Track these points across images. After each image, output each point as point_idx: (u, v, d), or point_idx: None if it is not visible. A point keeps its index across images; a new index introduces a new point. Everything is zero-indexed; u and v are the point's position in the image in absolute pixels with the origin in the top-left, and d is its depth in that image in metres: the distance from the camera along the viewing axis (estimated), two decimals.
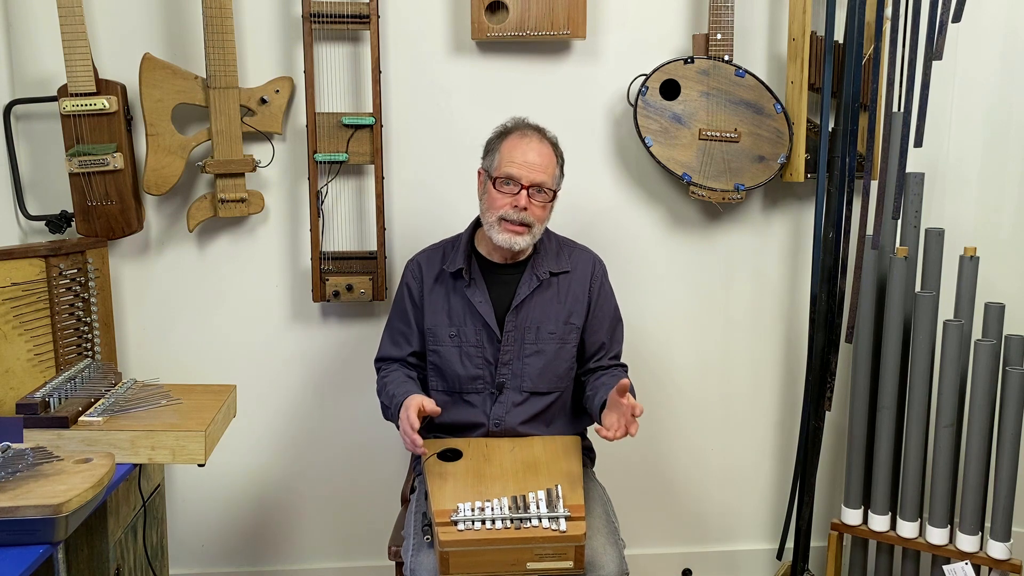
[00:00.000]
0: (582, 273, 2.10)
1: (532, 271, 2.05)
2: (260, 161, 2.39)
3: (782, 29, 2.48)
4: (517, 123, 2.03)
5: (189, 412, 1.92)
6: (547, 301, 2.05)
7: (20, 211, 2.37)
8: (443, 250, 2.11)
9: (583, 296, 2.08)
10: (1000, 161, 2.58)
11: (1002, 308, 2.19)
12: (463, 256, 2.05)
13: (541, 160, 1.96)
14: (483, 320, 2.03)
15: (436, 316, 2.06)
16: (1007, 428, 2.13)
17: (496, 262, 2.06)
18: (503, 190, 1.96)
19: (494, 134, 2.04)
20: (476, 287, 2.04)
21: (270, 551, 2.66)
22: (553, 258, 2.08)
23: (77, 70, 2.22)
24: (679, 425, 2.69)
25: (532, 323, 2.04)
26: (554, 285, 2.07)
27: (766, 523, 2.77)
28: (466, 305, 2.04)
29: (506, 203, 1.95)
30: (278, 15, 2.40)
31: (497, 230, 1.96)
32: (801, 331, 2.61)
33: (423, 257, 2.13)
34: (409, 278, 2.11)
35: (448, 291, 2.06)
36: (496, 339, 2.03)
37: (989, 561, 2.20)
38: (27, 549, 1.46)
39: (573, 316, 2.07)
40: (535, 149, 1.96)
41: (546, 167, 1.96)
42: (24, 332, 2.16)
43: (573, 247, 2.15)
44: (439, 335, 2.06)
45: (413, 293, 2.10)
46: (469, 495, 1.80)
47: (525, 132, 2.00)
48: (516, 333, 2.04)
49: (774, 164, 2.43)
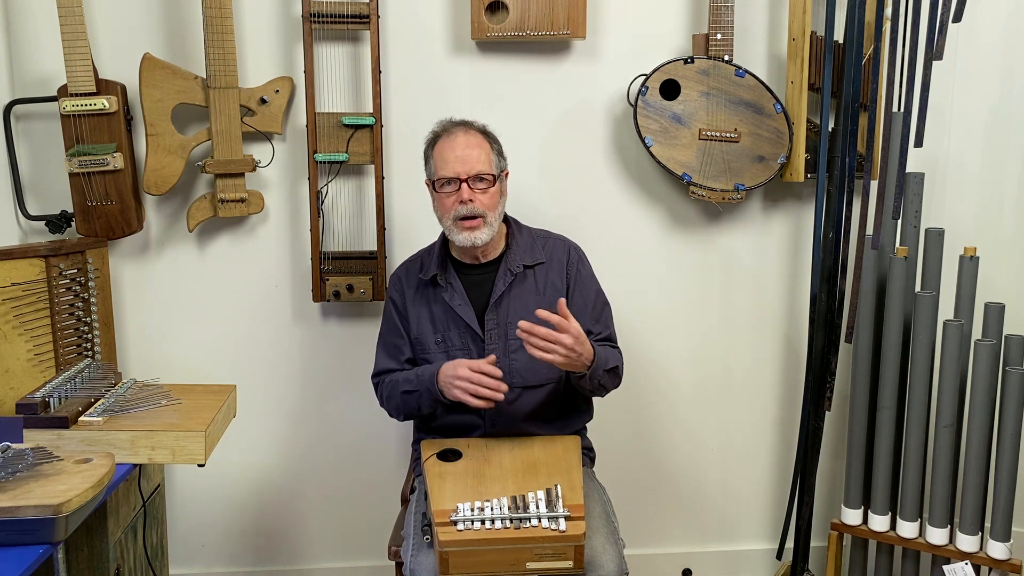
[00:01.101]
0: (558, 261, 2.10)
1: (505, 266, 2.05)
2: (260, 161, 2.39)
3: (782, 29, 2.48)
4: (443, 125, 2.05)
5: (189, 412, 1.92)
6: (525, 294, 2.06)
7: (20, 211, 2.37)
8: (421, 260, 2.13)
9: (561, 284, 2.08)
10: (1000, 161, 2.57)
11: (1002, 308, 2.19)
12: (436, 263, 2.07)
13: (471, 151, 1.98)
14: (465, 322, 2.03)
15: (421, 325, 2.08)
16: (1007, 428, 2.13)
17: (469, 263, 2.08)
18: (445, 191, 1.99)
19: (426, 143, 2.07)
20: (453, 291, 2.05)
21: (270, 551, 2.66)
22: (527, 251, 2.09)
23: (77, 70, 2.22)
24: (679, 425, 2.69)
25: (513, 318, 2.02)
26: (530, 277, 2.07)
27: (766, 523, 2.77)
28: (447, 310, 2.05)
29: (452, 202, 1.97)
30: (278, 15, 2.40)
31: (455, 231, 1.99)
32: (801, 331, 2.61)
33: (402, 270, 2.16)
34: (393, 292, 2.14)
35: (428, 299, 2.08)
36: (480, 339, 2.03)
37: (989, 561, 2.20)
38: (27, 549, 1.46)
39: (553, 306, 2.06)
40: (462, 143, 1.99)
41: (478, 156, 1.98)
42: (24, 332, 2.16)
43: (548, 237, 2.15)
44: (426, 343, 2.07)
45: (398, 305, 2.12)
46: (469, 495, 1.80)
47: (450, 131, 2.02)
48: (498, 330, 2.04)
49: (774, 164, 2.42)
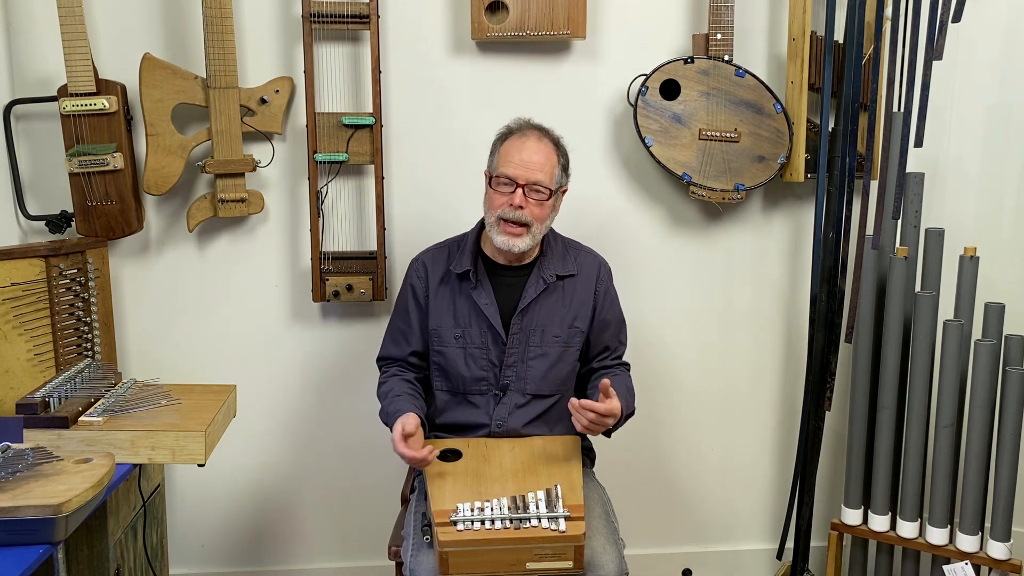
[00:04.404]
0: (587, 276, 2.09)
1: (539, 274, 2.04)
2: (260, 161, 2.39)
3: (782, 29, 2.48)
4: (520, 124, 2.03)
5: (189, 412, 1.92)
6: (553, 304, 2.05)
7: (20, 211, 2.37)
8: (448, 250, 2.10)
9: (588, 300, 2.08)
10: (1000, 161, 2.57)
11: (1002, 308, 2.19)
12: (470, 257, 2.04)
13: (538, 158, 1.94)
14: (488, 322, 2.02)
15: (441, 317, 2.05)
16: (1007, 428, 2.13)
17: (501, 263, 2.05)
18: (500, 190, 1.95)
19: (497, 136, 2.04)
20: (482, 289, 2.03)
21: (270, 551, 2.66)
22: (559, 260, 2.07)
23: (77, 70, 2.22)
24: (679, 425, 2.69)
25: (537, 326, 2.03)
26: (559, 288, 2.06)
27: (766, 523, 2.77)
28: (472, 307, 2.03)
29: (503, 202, 1.94)
30: (278, 15, 2.40)
31: (497, 231, 1.96)
32: (801, 331, 2.61)
33: (427, 257, 2.12)
34: (413, 278, 2.10)
35: (454, 292, 2.05)
36: (501, 341, 2.02)
37: (989, 561, 2.20)
38: (27, 549, 1.46)
39: (578, 320, 2.06)
40: (531, 148, 1.95)
41: (543, 165, 1.95)
42: (24, 332, 2.16)
43: (579, 249, 2.14)
44: (444, 336, 2.05)
45: (418, 293, 2.09)
46: (468, 495, 1.80)
47: (525, 132, 1.99)
48: (521, 336, 2.03)
49: (774, 164, 2.42)
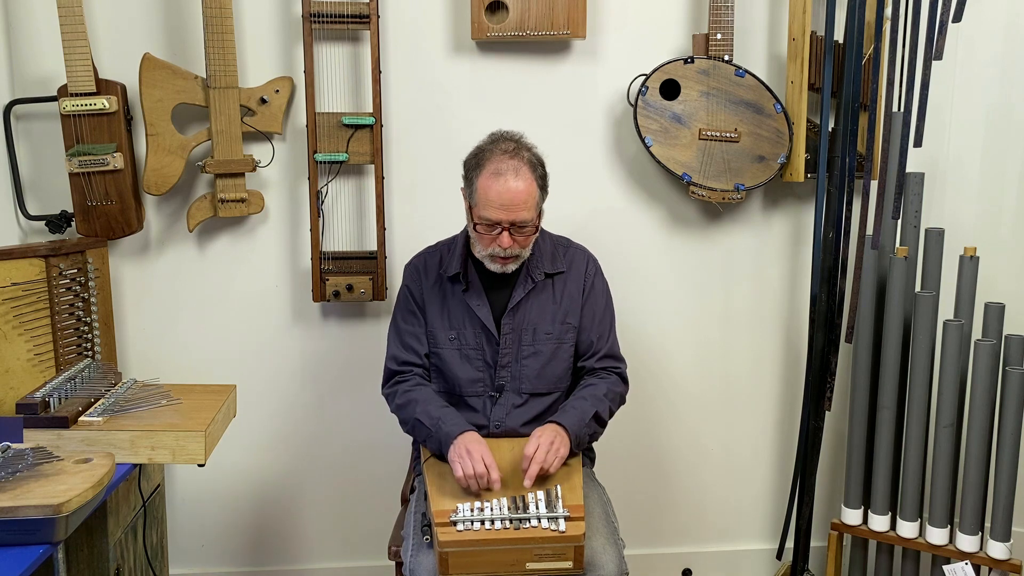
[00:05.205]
0: (576, 272, 2.09)
1: (527, 273, 2.04)
2: (260, 161, 2.39)
3: (782, 29, 2.48)
4: (491, 151, 1.94)
5: (189, 412, 1.92)
6: (543, 302, 2.05)
7: (20, 211, 2.37)
8: (439, 253, 2.11)
9: (578, 295, 2.08)
10: (1000, 161, 2.57)
11: (1002, 308, 2.19)
12: (459, 261, 2.05)
13: (519, 197, 1.89)
14: (481, 323, 2.03)
15: (435, 319, 2.06)
16: (1007, 428, 2.12)
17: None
18: (484, 232, 1.94)
19: (471, 158, 1.97)
20: (473, 291, 2.04)
21: (270, 551, 2.66)
22: (548, 259, 2.08)
23: (77, 70, 2.22)
24: (679, 425, 2.69)
25: (529, 325, 2.04)
26: (549, 286, 2.07)
27: (766, 523, 2.77)
28: (465, 309, 2.04)
29: (490, 242, 1.94)
30: (278, 15, 2.40)
31: (488, 262, 1.98)
32: (801, 331, 2.61)
33: (420, 261, 2.13)
34: (409, 281, 2.11)
35: (446, 295, 2.06)
36: (495, 341, 2.03)
37: (989, 561, 2.20)
38: (27, 549, 1.46)
39: (569, 316, 2.06)
40: (511, 189, 1.88)
41: (525, 201, 1.90)
42: (24, 332, 2.16)
43: (568, 246, 2.14)
44: (439, 338, 2.06)
45: (415, 295, 2.09)
46: (468, 495, 1.80)
47: (499, 164, 1.90)
48: (513, 335, 2.04)
49: (774, 164, 2.42)
